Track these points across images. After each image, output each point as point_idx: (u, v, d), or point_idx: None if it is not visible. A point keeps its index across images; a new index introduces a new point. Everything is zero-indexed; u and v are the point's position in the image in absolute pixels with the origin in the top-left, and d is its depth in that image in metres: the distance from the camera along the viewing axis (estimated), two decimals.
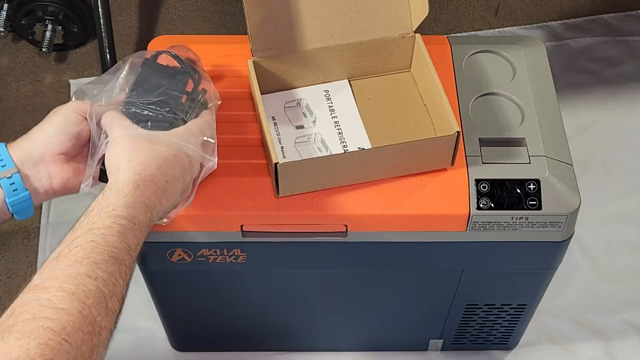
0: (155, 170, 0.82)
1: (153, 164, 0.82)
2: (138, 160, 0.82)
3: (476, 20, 1.89)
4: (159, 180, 0.82)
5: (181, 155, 0.85)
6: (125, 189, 0.79)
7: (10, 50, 1.81)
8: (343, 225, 1.03)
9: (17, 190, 0.84)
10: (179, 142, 0.85)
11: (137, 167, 0.81)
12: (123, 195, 0.79)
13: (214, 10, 1.88)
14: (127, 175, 0.80)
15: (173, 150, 0.85)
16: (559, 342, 1.42)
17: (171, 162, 0.84)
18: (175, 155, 0.85)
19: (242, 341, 1.37)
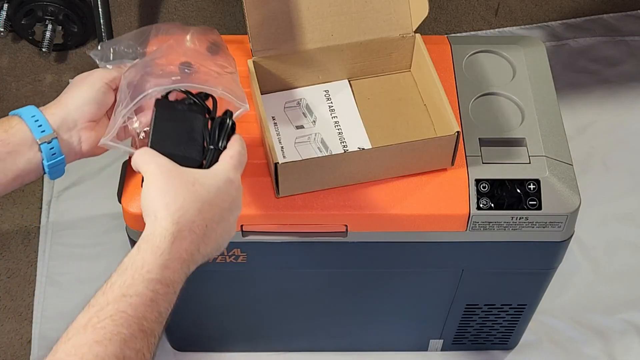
0: (195, 215, 0.78)
1: (192, 208, 0.78)
2: (176, 206, 0.77)
3: (476, 20, 1.89)
4: (197, 227, 0.78)
5: (222, 196, 0.81)
6: (162, 245, 0.76)
7: (10, 50, 1.81)
8: (343, 225, 1.03)
9: (55, 154, 0.89)
10: (219, 182, 0.81)
11: (175, 215, 0.77)
12: (159, 253, 0.75)
13: (214, 10, 1.88)
14: (163, 226, 0.77)
15: (214, 191, 0.80)
16: (559, 342, 1.42)
17: (212, 204, 0.80)
18: (217, 196, 0.80)
19: (242, 341, 1.37)
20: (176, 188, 0.78)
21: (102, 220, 1.54)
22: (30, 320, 1.44)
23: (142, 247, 0.76)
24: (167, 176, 0.79)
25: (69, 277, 1.49)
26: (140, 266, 0.75)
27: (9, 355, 1.41)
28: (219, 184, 0.81)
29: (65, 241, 1.53)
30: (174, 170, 0.80)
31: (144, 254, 0.75)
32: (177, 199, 0.78)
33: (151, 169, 0.80)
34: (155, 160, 0.81)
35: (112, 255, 1.50)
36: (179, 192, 0.78)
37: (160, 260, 0.75)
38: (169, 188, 0.78)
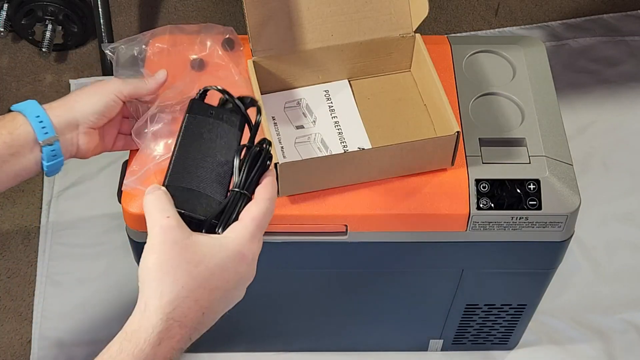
0: (191, 307, 0.70)
1: (190, 299, 0.70)
2: (171, 296, 0.69)
3: (476, 20, 1.89)
4: (191, 319, 0.71)
5: (228, 276, 0.72)
6: (146, 349, 0.68)
7: (10, 50, 1.81)
8: (343, 225, 1.03)
9: (56, 155, 0.91)
10: (226, 260, 0.72)
11: (168, 308, 0.69)
12: (142, 357, 0.68)
13: (214, 10, 1.88)
14: (152, 324, 0.68)
15: (218, 273, 0.72)
16: (559, 342, 1.42)
17: (213, 289, 0.72)
18: (221, 278, 0.72)
19: (242, 341, 1.37)
20: (176, 271, 0.69)
21: (102, 220, 1.54)
22: (30, 320, 1.44)
23: (124, 347, 0.68)
24: (171, 251, 0.70)
25: (69, 277, 1.49)
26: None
27: (9, 355, 1.41)
28: (226, 262, 0.72)
29: (65, 241, 1.53)
30: (180, 244, 0.70)
31: (131, 349, 0.68)
32: (174, 287, 0.69)
33: (155, 232, 0.71)
34: (163, 222, 0.71)
35: (112, 255, 1.50)
36: (178, 277, 0.69)
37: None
38: (168, 269, 0.69)
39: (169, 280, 0.69)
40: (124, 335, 0.69)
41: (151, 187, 0.75)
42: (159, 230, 0.71)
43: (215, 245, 0.72)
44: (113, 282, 1.48)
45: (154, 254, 0.70)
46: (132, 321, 0.70)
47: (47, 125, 0.90)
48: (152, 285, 0.70)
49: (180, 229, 0.71)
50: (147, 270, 0.70)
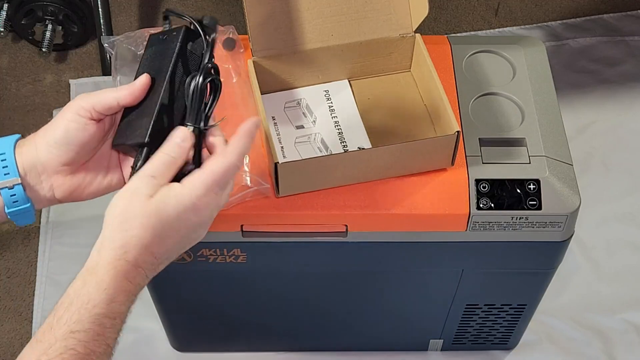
0: (142, 250, 0.74)
1: (139, 245, 0.74)
2: (120, 243, 0.73)
3: (476, 20, 1.89)
4: (144, 260, 0.75)
5: (183, 221, 0.75)
6: (105, 279, 0.73)
7: (10, 50, 1.81)
8: (343, 225, 1.03)
9: (17, 201, 0.79)
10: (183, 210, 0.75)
11: (119, 251, 0.73)
12: (104, 287, 0.72)
13: (214, 10, 1.88)
14: (106, 261, 0.73)
15: (173, 219, 0.75)
16: (559, 342, 1.42)
17: (166, 235, 0.75)
18: (175, 221, 0.75)
19: (242, 341, 1.37)
20: (128, 218, 0.74)
21: (102, 220, 1.54)
22: (30, 320, 1.44)
23: (87, 279, 0.73)
24: (132, 203, 0.74)
25: (69, 277, 1.46)
26: (85, 301, 0.72)
27: (9, 355, 1.41)
28: (180, 214, 0.75)
29: (65, 241, 1.53)
30: (142, 199, 0.74)
31: (89, 289, 0.73)
32: (125, 234, 0.74)
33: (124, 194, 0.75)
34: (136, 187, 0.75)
35: None
36: (130, 224, 0.74)
37: (104, 295, 0.72)
38: (126, 218, 0.74)
39: (122, 228, 0.74)
40: (85, 272, 0.74)
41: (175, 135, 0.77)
42: (131, 183, 0.75)
43: (171, 198, 0.75)
44: None
45: (116, 202, 0.75)
46: (90, 260, 0.74)
47: (10, 165, 0.78)
48: (107, 231, 0.74)
49: (148, 189, 0.74)
50: (108, 214, 0.75)
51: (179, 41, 0.81)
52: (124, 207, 0.74)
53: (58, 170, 0.80)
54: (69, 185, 0.81)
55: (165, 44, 0.82)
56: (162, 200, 0.74)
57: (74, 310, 0.72)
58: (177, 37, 0.81)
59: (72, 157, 0.80)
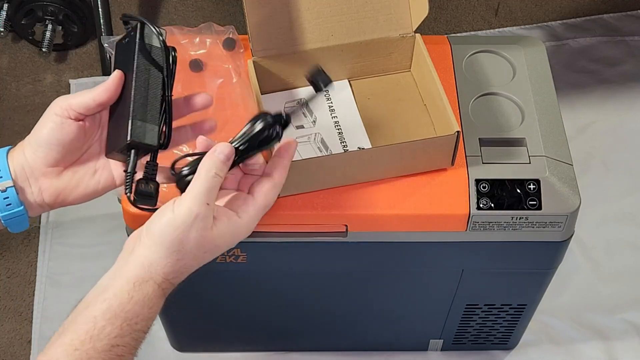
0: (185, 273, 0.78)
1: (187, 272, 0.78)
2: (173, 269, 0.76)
3: (476, 20, 1.89)
4: (181, 279, 0.78)
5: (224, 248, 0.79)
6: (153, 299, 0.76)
7: (10, 50, 1.81)
8: (343, 225, 1.03)
9: (10, 205, 0.79)
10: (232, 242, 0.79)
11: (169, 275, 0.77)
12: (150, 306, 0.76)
13: (213, 10, 1.88)
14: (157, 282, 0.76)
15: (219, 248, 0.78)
16: (559, 342, 1.42)
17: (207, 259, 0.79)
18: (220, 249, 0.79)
19: (242, 341, 1.37)
20: (187, 253, 0.76)
21: (102, 220, 1.54)
22: (30, 320, 1.44)
23: (134, 295, 0.75)
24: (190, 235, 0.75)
25: (69, 277, 1.49)
26: (130, 317, 0.74)
27: (9, 355, 1.41)
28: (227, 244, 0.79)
29: (65, 241, 1.53)
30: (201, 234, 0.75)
31: (136, 306, 0.75)
32: (179, 264, 0.76)
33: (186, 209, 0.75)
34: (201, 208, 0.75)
35: (112, 255, 1.49)
36: (186, 258, 0.76)
37: (149, 314, 0.75)
38: (180, 249, 0.75)
39: (177, 257, 0.75)
40: (130, 286, 0.74)
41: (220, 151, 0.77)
42: (190, 210, 0.74)
43: (227, 234, 0.78)
44: None
45: (172, 227, 0.74)
46: (136, 275, 0.75)
47: (2, 169, 0.78)
48: (160, 252, 0.75)
49: (207, 220, 0.75)
50: (159, 237, 0.75)
51: (137, 38, 0.82)
52: (182, 234, 0.75)
53: (44, 172, 0.80)
54: (55, 188, 0.81)
55: (127, 45, 0.83)
56: (220, 235, 0.77)
57: (117, 325, 0.74)
58: (134, 35, 0.83)
59: (55, 157, 0.80)
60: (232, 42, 1.05)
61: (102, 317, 0.73)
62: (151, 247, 0.75)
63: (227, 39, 1.05)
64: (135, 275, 0.75)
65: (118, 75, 0.80)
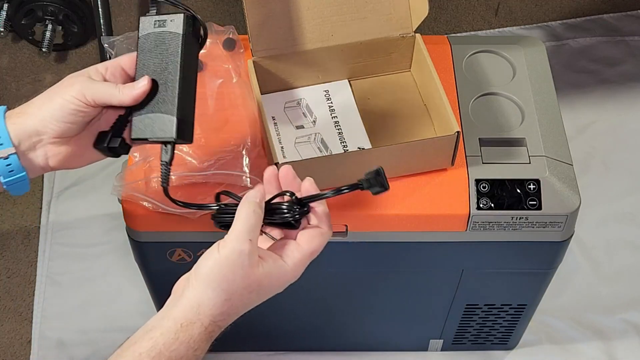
0: (233, 316, 0.79)
1: (234, 314, 0.79)
2: (221, 310, 0.77)
3: (476, 20, 1.89)
4: (228, 322, 0.79)
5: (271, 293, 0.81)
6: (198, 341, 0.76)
7: (10, 50, 1.81)
8: (343, 225, 1.03)
9: (13, 171, 0.81)
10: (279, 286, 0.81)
11: (217, 317, 0.77)
12: (194, 348, 0.76)
13: (213, 10, 1.88)
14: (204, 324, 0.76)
15: (267, 292, 0.80)
16: (559, 342, 1.42)
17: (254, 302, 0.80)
18: (267, 294, 0.80)
19: (242, 341, 1.37)
20: (234, 293, 0.76)
21: (102, 220, 1.54)
22: (30, 320, 1.44)
23: (180, 336, 0.75)
24: (236, 274, 0.76)
25: (69, 277, 1.49)
26: (174, 357, 0.75)
27: (9, 355, 1.41)
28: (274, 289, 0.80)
29: (65, 241, 1.53)
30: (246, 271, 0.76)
31: (181, 346, 0.75)
32: (227, 304, 0.77)
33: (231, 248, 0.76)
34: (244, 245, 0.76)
35: (112, 255, 1.50)
36: (233, 298, 0.77)
37: (193, 355, 0.76)
38: (228, 288, 0.76)
39: (223, 298, 0.76)
40: (178, 326, 0.75)
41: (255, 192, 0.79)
42: (234, 248, 0.76)
43: (274, 276, 0.79)
44: (113, 282, 1.48)
45: (218, 267, 0.76)
46: (184, 316, 0.76)
47: (3, 136, 0.80)
48: (208, 292, 0.76)
49: (252, 256, 0.76)
50: (206, 278, 0.76)
51: (182, 33, 0.82)
52: (228, 272, 0.76)
53: (52, 141, 0.81)
54: (64, 154, 0.83)
55: (164, 35, 0.83)
56: (266, 275, 0.78)
57: None
58: (177, 27, 0.83)
59: (65, 131, 0.81)
60: (232, 43, 1.05)
61: (147, 355, 0.74)
62: (199, 288, 0.76)
63: (227, 39, 1.05)
64: (183, 317, 0.76)
65: (148, 85, 0.81)
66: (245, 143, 1.01)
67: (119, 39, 1.00)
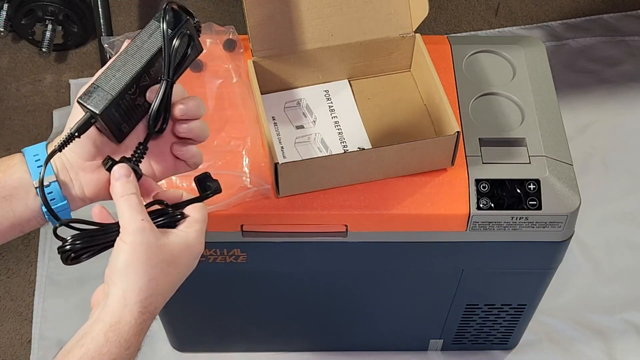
0: (160, 298, 0.76)
1: (160, 295, 0.76)
2: (147, 293, 0.75)
3: (476, 20, 1.89)
4: (158, 307, 0.77)
5: (190, 265, 0.78)
6: (130, 339, 0.74)
7: (10, 50, 1.81)
8: (343, 225, 1.03)
9: (55, 200, 0.80)
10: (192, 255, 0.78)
11: (145, 302, 0.75)
12: (126, 347, 0.74)
13: (213, 10, 1.88)
14: (134, 314, 0.74)
15: (184, 265, 0.78)
16: (559, 342, 1.42)
17: (177, 279, 0.78)
18: (185, 267, 0.78)
19: (242, 341, 1.37)
20: (153, 270, 0.75)
21: None
22: (30, 320, 1.44)
23: (110, 337, 0.73)
24: (147, 252, 0.75)
25: (69, 277, 1.49)
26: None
27: (9, 355, 1.41)
28: (190, 259, 0.78)
29: None
30: (153, 247, 0.75)
31: (112, 347, 0.73)
32: (150, 284, 0.75)
33: (130, 232, 0.75)
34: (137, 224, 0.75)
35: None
36: (154, 276, 0.75)
37: (126, 353, 0.74)
38: (146, 268, 0.74)
39: (146, 278, 0.74)
40: (107, 326, 0.73)
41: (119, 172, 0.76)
42: (134, 230, 0.75)
43: (182, 245, 0.77)
44: None
45: (130, 254, 0.75)
46: (112, 313, 0.74)
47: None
48: (130, 278, 0.74)
49: (154, 231, 0.75)
50: (124, 268, 0.75)
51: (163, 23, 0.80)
52: (141, 254, 0.75)
53: (82, 167, 0.80)
54: (97, 181, 0.81)
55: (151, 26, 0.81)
56: (177, 247, 0.76)
57: None
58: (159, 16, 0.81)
59: (90, 151, 0.79)
60: (232, 43, 1.05)
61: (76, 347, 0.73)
62: (121, 279, 0.75)
63: (227, 40, 1.05)
64: (111, 314, 0.74)
65: None
66: (245, 143, 1.01)
67: (119, 39, 1.00)
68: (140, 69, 0.77)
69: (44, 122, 1.68)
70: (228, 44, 1.05)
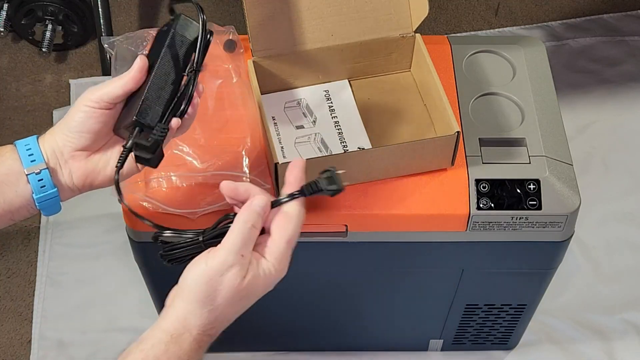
0: (224, 324, 0.79)
1: (225, 322, 0.79)
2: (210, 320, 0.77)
3: (476, 20, 1.89)
4: (219, 331, 0.79)
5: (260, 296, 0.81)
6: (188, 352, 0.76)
7: (10, 50, 1.81)
8: (343, 225, 1.03)
9: (45, 187, 0.82)
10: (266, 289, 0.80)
11: (206, 327, 0.77)
12: (187, 356, 0.76)
13: (214, 10, 1.88)
14: (192, 336, 0.76)
15: (256, 296, 0.80)
16: (559, 342, 1.42)
17: (244, 309, 0.81)
18: (256, 298, 0.81)
19: (242, 341, 1.37)
20: (225, 305, 0.77)
21: (102, 220, 1.54)
22: (30, 320, 1.44)
23: (170, 349, 0.75)
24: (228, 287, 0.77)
25: (69, 277, 1.49)
26: None
27: (9, 355, 1.41)
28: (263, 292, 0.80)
29: (65, 241, 1.53)
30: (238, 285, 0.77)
31: (172, 355, 0.75)
32: (218, 315, 0.77)
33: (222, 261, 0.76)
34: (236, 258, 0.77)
35: (112, 255, 1.50)
36: (223, 309, 0.77)
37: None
38: (219, 300, 0.77)
39: (211, 309, 0.77)
40: (168, 338, 0.75)
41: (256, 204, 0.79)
42: (226, 262, 0.76)
43: (260, 279, 0.79)
44: (113, 282, 1.48)
45: (207, 285, 0.76)
46: (174, 327, 0.76)
47: (35, 152, 0.81)
48: (194, 305, 0.76)
49: (242, 271, 0.77)
50: (195, 289, 0.76)
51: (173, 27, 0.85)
52: (214, 286, 0.76)
53: (73, 155, 0.83)
54: (84, 169, 0.84)
55: (163, 33, 0.86)
56: (253, 283, 0.78)
57: None
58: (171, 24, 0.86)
59: (85, 143, 0.83)
60: (232, 44, 1.05)
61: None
62: (185, 299, 0.77)
63: (228, 41, 1.05)
64: (172, 328, 0.76)
65: (141, 62, 0.83)
66: (245, 143, 1.01)
67: (119, 39, 1.00)
68: None
69: (44, 122, 1.68)
70: (228, 44, 1.05)
